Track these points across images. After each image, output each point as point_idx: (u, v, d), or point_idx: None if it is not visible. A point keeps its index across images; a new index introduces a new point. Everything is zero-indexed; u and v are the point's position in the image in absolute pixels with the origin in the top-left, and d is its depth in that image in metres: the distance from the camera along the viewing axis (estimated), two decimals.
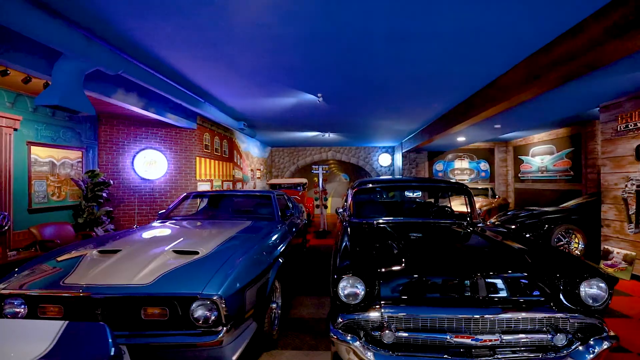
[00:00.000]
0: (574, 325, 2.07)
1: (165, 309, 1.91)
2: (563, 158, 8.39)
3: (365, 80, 4.62)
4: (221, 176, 8.19)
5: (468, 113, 5.66)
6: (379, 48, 3.48)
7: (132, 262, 2.20)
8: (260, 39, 3.26)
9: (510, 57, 3.71)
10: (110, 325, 1.91)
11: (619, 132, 4.58)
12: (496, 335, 2.02)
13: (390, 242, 2.65)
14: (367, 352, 2.00)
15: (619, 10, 2.47)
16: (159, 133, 6.39)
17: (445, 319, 2.05)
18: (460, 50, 3.51)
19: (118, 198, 5.98)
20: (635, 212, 4.35)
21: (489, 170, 12.09)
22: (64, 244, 4.47)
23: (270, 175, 13.79)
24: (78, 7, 2.70)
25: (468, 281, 2.10)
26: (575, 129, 7.75)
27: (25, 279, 2.08)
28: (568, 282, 2.10)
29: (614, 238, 4.73)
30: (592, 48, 2.77)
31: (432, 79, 4.51)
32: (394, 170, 13.54)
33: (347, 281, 2.10)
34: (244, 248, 2.52)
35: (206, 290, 1.90)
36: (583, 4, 2.58)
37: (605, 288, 2.05)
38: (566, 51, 3.08)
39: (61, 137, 5.02)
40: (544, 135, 9.15)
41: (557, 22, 2.89)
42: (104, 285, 1.95)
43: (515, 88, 4.02)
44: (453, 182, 3.89)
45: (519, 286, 2.14)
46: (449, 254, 2.41)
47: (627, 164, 4.47)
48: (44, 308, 1.98)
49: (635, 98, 4.41)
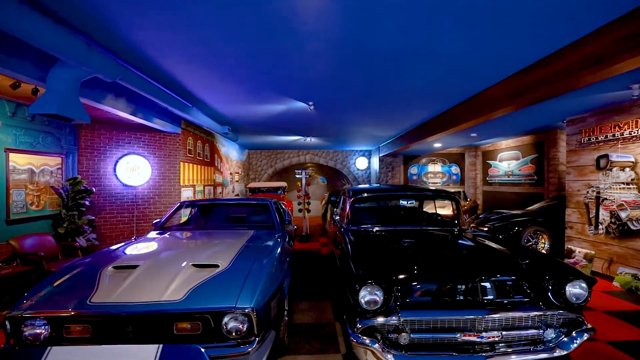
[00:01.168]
0: (560, 320, 2.38)
1: (198, 323, 1.96)
2: (528, 163, 9.13)
3: (357, 92, 4.82)
4: (203, 181, 8.06)
5: (449, 123, 6.04)
6: (377, 64, 3.68)
7: (155, 278, 2.22)
8: (260, 53, 3.33)
9: (492, 76, 4.06)
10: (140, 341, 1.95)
11: (582, 144, 5.15)
12: (497, 332, 2.28)
13: (397, 250, 2.86)
14: (387, 354, 2.18)
15: (592, 44, 2.84)
16: (142, 138, 6.20)
17: (453, 320, 2.28)
18: (449, 69, 3.80)
19: (99, 206, 5.74)
20: (595, 215, 4.92)
21: (460, 174, 12.81)
22: (47, 257, 4.27)
23: (247, 179, 13.67)
24: (80, 13, 2.63)
25: (474, 285, 2.35)
26: (539, 136, 8.48)
27: (45, 299, 2.04)
28: (555, 283, 2.40)
29: (576, 238, 5.30)
30: (567, 75, 3.14)
31: (420, 91, 4.81)
32: (371, 174, 13.95)
33: (367, 289, 2.27)
34: (261, 260, 2.60)
35: (239, 304, 1.98)
36: (561, 36, 2.92)
37: (586, 287, 2.38)
38: (543, 77, 3.45)
39: (40, 142, 4.75)
40: (510, 142, 9.89)
41: (536, 49, 3.24)
42: (135, 303, 1.96)
43: (496, 103, 4.39)
44: (444, 191, 4.18)
45: (516, 288, 2.42)
46: (453, 260, 2.64)
47: (589, 173, 5.04)
48: (69, 328, 1.96)
49: (597, 114, 4.97)
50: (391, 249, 2.94)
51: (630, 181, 4.48)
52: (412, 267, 2.48)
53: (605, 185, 4.80)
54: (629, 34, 2.55)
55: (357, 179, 14.11)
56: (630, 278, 4.40)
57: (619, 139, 4.65)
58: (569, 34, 2.89)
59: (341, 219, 4.19)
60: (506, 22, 2.68)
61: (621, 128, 4.61)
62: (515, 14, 2.55)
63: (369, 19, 2.64)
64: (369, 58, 3.51)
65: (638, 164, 4.42)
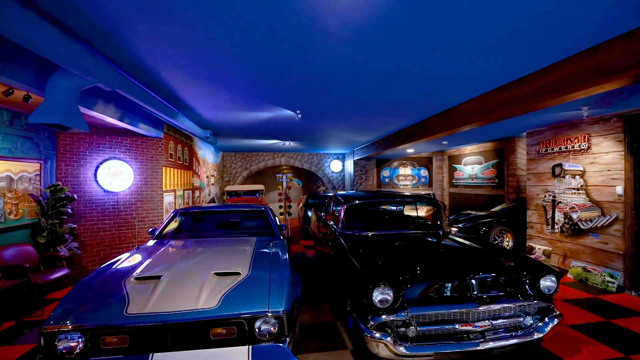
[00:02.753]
0: (536, 309, 2.82)
1: (233, 328, 2.12)
2: (490, 167, 10.01)
3: (344, 104, 5.10)
4: (183, 185, 7.95)
5: (425, 132, 6.52)
6: (367, 83, 3.97)
7: (182, 287, 2.33)
8: (256, 67, 3.47)
9: (467, 94, 4.53)
10: (178, 348, 2.08)
11: (540, 154, 5.86)
12: (487, 321, 2.67)
13: (396, 253, 3.18)
14: (399, 346, 2.48)
15: (555, 74, 3.35)
16: (124, 142, 6.03)
17: (452, 313, 2.64)
18: (431, 88, 4.20)
19: (78, 213, 5.51)
20: (552, 216, 5.63)
21: (428, 177, 13.63)
22: (32, 269, 4.09)
23: (222, 181, 13.50)
24: (89, 23, 2.60)
25: (467, 282, 2.72)
26: (500, 143, 9.34)
27: (79, 313, 2.08)
28: (532, 277, 2.84)
29: (536, 237, 6.01)
30: (534, 97, 3.65)
31: (401, 104, 5.19)
32: (345, 176, 14.38)
33: (379, 290, 2.55)
34: (277, 267, 2.79)
35: (271, 307, 2.17)
36: (529, 64, 3.41)
37: (556, 281, 2.85)
38: (513, 97, 3.96)
39: (19, 148, 4.51)
40: (474, 148, 10.75)
41: (507, 74, 3.71)
42: (172, 312, 2.08)
43: (470, 117, 4.89)
44: (429, 197, 4.59)
45: (502, 283, 2.83)
46: (447, 261, 3.01)
47: (546, 179, 5.75)
48: (104, 340, 2.03)
49: (553, 129, 5.69)
50: (389, 252, 3.26)
51: (579, 187, 5.21)
52: (415, 268, 2.81)
53: (559, 190, 5.51)
54: (583, 69, 3.06)
55: (331, 181, 14.47)
56: (581, 270, 5.12)
57: (570, 151, 5.37)
58: (536, 63, 3.37)
59: (335, 224, 4.44)
60: (484, 53, 3.07)
61: (572, 142, 5.33)
62: (492, 45, 2.92)
63: (366, 46, 2.92)
64: (360, 78, 3.80)
65: (586, 172, 5.15)
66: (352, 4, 2.22)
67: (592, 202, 5.02)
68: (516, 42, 2.84)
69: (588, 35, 2.68)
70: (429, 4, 2.21)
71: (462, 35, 2.69)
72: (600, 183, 4.93)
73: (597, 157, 5.00)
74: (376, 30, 2.59)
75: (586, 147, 5.12)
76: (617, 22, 2.45)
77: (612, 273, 4.72)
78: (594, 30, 2.57)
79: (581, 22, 2.45)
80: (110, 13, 2.42)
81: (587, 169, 5.11)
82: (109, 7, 2.33)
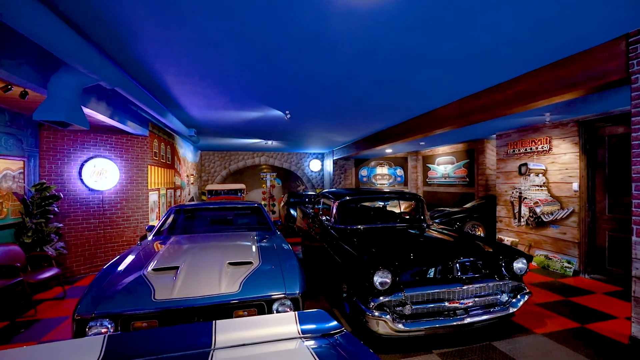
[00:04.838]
0: (510, 287, 3.25)
1: (254, 310, 2.33)
2: (461, 167, 10.71)
3: (333, 106, 5.38)
4: (166, 184, 7.89)
5: (404, 134, 6.94)
6: (358, 87, 4.28)
7: (202, 275, 2.50)
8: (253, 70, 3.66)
9: (446, 98, 4.97)
10: None
11: (508, 154, 6.47)
12: (471, 299, 3.06)
13: (388, 243, 3.50)
14: (398, 324, 2.79)
15: (524, 83, 3.83)
16: (109, 140, 5.94)
17: (441, 292, 2.99)
18: (414, 92, 4.58)
19: (62, 212, 5.38)
20: (518, 211, 6.24)
21: (404, 176, 14.26)
22: (22, 269, 4.02)
23: (200, 180, 13.34)
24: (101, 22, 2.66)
25: (454, 265, 3.09)
26: (470, 144, 10.04)
27: (109, 300, 2.20)
28: (507, 260, 3.27)
29: (504, 230, 6.62)
30: (505, 103, 4.13)
31: (383, 108, 5.55)
32: (324, 175, 14.69)
33: (379, 274, 2.85)
34: (284, 257, 3.01)
35: (288, 290, 2.40)
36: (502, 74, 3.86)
37: (526, 263, 3.29)
38: (487, 103, 4.43)
39: (2, 145, 4.37)
40: (447, 148, 11.45)
41: (482, 82, 4.17)
42: (199, 297, 2.25)
43: (447, 120, 5.34)
44: (413, 194, 4.98)
45: (481, 266, 3.23)
46: (433, 249, 3.37)
47: (513, 177, 6.37)
48: (134, 324, 2.17)
49: (520, 132, 6.32)
50: (381, 242, 3.58)
51: (542, 184, 5.84)
52: (407, 254, 3.15)
53: (525, 187, 6.14)
54: (547, 80, 3.55)
55: (310, 180, 14.72)
56: (543, 258, 5.74)
57: (534, 152, 6.01)
58: (508, 73, 3.83)
59: (327, 219, 4.71)
60: (463, 62, 3.47)
61: (536, 143, 5.97)
62: (470, 57, 3.32)
63: (359, 55, 3.22)
64: (351, 83, 4.09)
65: (548, 171, 5.79)
66: (347, 18, 2.49)
67: (552, 197, 5.66)
68: (493, 54, 3.25)
69: (553, 51, 3.14)
70: (418, 21, 2.54)
71: (445, 47, 3.05)
72: (559, 180, 5.58)
73: (557, 157, 5.64)
74: (368, 41, 2.88)
75: (548, 149, 5.75)
76: (576, 43, 2.92)
77: (569, 259, 5.36)
78: (557, 46, 3.02)
79: (545, 40, 2.89)
80: (123, 12, 2.51)
81: (549, 168, 5.75)
82: (121, 7, 2.43)
